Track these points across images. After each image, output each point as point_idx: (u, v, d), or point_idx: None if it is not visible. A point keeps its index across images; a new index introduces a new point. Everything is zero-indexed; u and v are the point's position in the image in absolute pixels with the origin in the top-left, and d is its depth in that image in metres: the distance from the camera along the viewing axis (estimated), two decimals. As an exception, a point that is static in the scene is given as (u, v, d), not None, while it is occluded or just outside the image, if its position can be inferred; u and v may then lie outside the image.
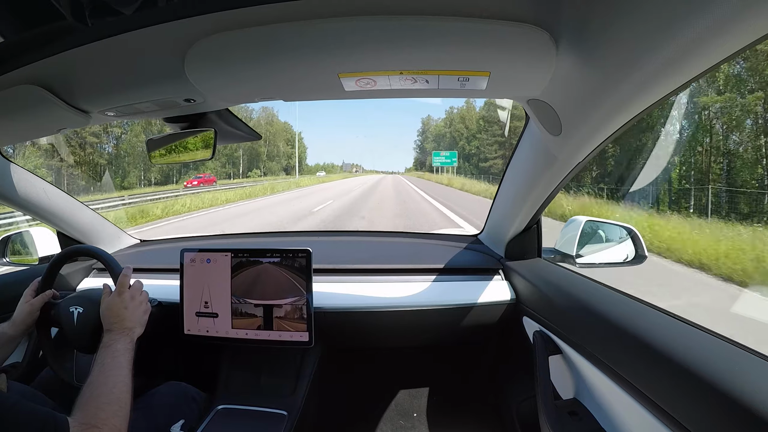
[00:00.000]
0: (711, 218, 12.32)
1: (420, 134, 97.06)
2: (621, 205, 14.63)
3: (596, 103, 0.64)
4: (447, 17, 0.55)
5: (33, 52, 0.66)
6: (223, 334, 1.16)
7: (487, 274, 1.33)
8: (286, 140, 69.16)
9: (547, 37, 0.57)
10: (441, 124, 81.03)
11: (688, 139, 20.21)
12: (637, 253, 1.22)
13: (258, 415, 1.12)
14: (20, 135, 1.05)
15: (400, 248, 1.63)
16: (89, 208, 1.51)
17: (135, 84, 0.77)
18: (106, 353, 0.81)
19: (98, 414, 0.69)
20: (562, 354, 0.97)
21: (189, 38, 0.61)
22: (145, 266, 1.45)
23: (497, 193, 1.30)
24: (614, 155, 22.59)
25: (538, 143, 0.94)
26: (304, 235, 2.27)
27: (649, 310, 0.81)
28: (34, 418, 0.61)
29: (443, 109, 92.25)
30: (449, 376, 1.70)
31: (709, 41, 0.44)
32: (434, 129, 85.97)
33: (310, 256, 1.12)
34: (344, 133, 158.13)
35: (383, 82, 0.71)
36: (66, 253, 1.08)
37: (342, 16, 0.56)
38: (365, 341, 1.43)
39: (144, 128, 33.69)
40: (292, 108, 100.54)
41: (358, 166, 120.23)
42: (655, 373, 0.65)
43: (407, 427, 1.58)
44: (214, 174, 44.95)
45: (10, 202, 1.24)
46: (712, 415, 0.54)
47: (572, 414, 0.88)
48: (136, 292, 0.95)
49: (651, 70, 0.51)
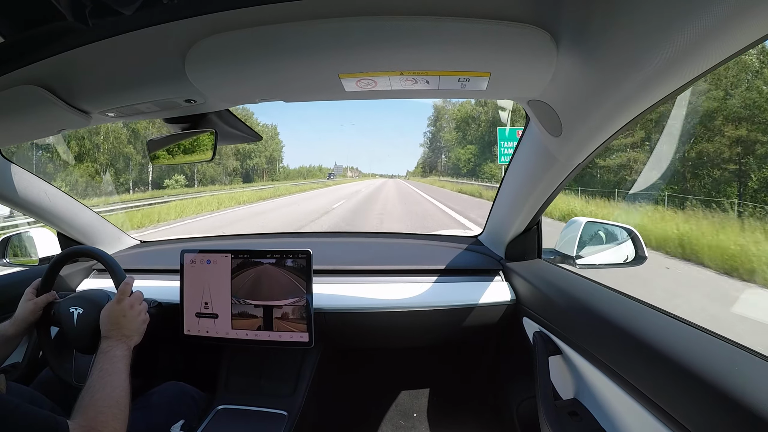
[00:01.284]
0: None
1: (431, 123, 72.75)
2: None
3: (597, 103, 0.64)
4: (447, 18, 0.55)
5: (33, 52, 0.66)
6: (223, 335, 1.16)
7: (488, 275, 1.33)
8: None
9: (547, 38, 0.57)
10: (469, 105, 55.80)
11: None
12: (638, 254, 1.22)
13: (258, 415, 1.12)
14: (20, 135, 1.05)
15: (400, 249, 1.63)
16: (89, 208, 1.50)
17: (135, 84, 0.77)
18: (104, 359, 0.81)
19: (98, 417, 0.69)
20: (562, 354, 0.97)
21: (189, 38, 0.61)
22: (145, 267, 1.45)
23: (497, 194, 1.30)
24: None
25: (539, 144, 0.94)
26: (304, 236, 2.27)
27: (648, 310, 0.81)
28: (34, 421, 0.61)
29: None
30: (449, 377, 1.70)
31: (709, 41, 0.44)
32: (456, 112, 60.65)
33: (310, 256, 1.12)
34: (339, 132, 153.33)
35: (384, 83, 0.71)
36: (68, 254, 1.08)
37: (343, 17, 0.56)
38: (365, 342, 1.43)
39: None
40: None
41: (354, 170, 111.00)
42: (655, 373, 0.65)
43: (407, 427, 1.57)
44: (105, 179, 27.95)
45: (10, 202, 1.24)
46: (712, 415, 0.54)
47: (572, 414, 0.88)
48: (135, 301, 0.95)
49: (651, 71, 0.51)
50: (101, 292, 1.04)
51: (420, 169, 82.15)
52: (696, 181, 21.88)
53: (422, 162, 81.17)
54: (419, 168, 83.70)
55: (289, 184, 39.40)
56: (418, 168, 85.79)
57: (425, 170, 76.44)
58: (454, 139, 60.93)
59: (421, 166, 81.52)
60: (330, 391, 1.48)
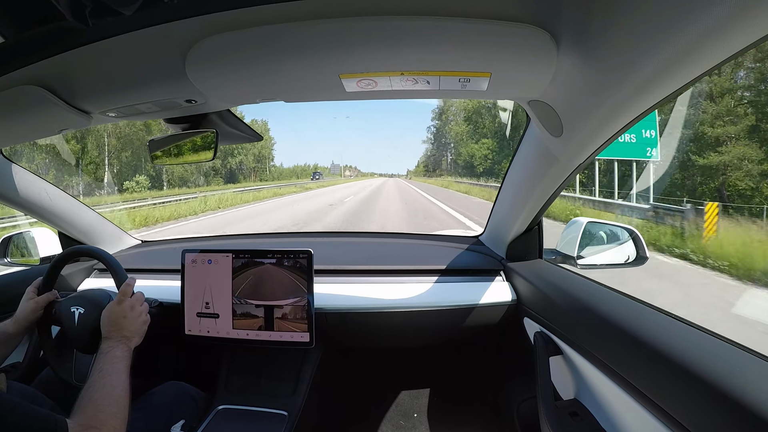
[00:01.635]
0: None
1: (436, 116, 65.00)
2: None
3: (597, 103, 0.64)
4: (448, 18, 0.55)
5: (33, 52, 0.66)
6: (224, 335, 1.16)
7: (489, 275, 1.33)
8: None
9: (548, 38, 0.57)
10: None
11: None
12: (638, 255, 1.22)
13: (258, 415, 1.12)
14: (21, 135, 1.05)
15: (401, 249, 1.63)
16: (90, 208, 1.51)
17: (136, 84, 0.77)
18: (105, 359, 0.81)
19: (97, 416, 0.69)
20: (562, 355, 0.97)
21: (190, 39, 0.61)
22: (146, 267, 1.45)
23: (498, 195, 1.30)
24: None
25: (539, 144, 0.94)
26: (305, 236, 2.27)
27: (649, 310, 0.80)
28: (34, 420, 0.62)
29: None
30: (450, 377, 1.70)
31: (709, 41, 0.44)
32: (466, 102, 49.59)
33: (311, 256, 1.12)
34: (337, 131, 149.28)
35: (384, 83, 0.71)
36: (69, 253, 1.08)
37: (343, 17, 0.56)
38: (366, 342, 1.43)
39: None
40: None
41: (353, 169, 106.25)
42: (655, 374, 0.65)
43: (407, 427, 1.57)
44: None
45: (11, 202, 1.25)
46: (712, 415, 0.53)
47: (573, 414, 0.88)
48: (136, 303, 0.95)
49: (651, 71, 0.51)
50: (102, 292, 1.05)
51: (422, 167, 75.85)
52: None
53: (424, 160, 75.22)
54: (421, 167, 77.65)
55: (254, 188, 30.24)
56: (419, 167, 79.49)
57: (428, 169, 69.95)
58: (464, 132, 52.22)
59: (423, 165, 75.24)
60: (330, 391, 1.48)
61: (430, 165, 70.18)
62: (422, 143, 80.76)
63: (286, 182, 46.55)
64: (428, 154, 72.01)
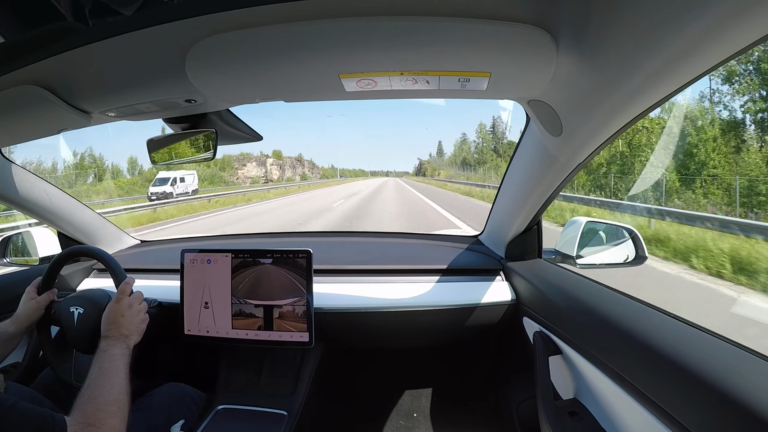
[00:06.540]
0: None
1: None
2: None
3: (597, 103, 0.64)
4: (447, 18, 0.55)
5: (34, 52, 0.66)
6: (224, 335, 1.16)
7: (488, 275, 1.33)
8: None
9: (547, 38, 0.57)
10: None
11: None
12: (638, 254, 1.22)
13: (258, 415, 1.12)
14: (21, 135, 1.05)
15: (400, 249, 1.63)
16: (90, 208, 1.51)
17: (136, 84, 0.77)
18: (104, 358, 0.81)
19: (96, 414, 0.69)
20: (562, 354, 0.97)
21: (189, 39, 0.61)
22: (145, 267, 1.45)
23: (498, 194, 1.31)
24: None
25: (539, 144, 0.94)
26: (304, 236, 2.27)
27: (648, 310, 0.81)
28: (33, 418, 0.61)
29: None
30: (449, 377, 1.70)
31: (709, 42, 0.44)
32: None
33: (310, 256, 1.12)
34: (334, 130, 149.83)
35: (384, 83, 0.71)
36: (68, 253, 1.08)
37: (343, 17, 0.56)
38: (365, 342, 1.43)
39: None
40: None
41: (358, 170, 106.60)
42: (654, 373, 0.65)
43: (407, 427, 1.58)
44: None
45: (10, 202, 1.25)
46: (712, 415, 0.54)
47: (572, 414, 0.88)
48: (135, 301, 0.95)
49: (651, 71, 0.51)
50: (102, 292, 1.05)
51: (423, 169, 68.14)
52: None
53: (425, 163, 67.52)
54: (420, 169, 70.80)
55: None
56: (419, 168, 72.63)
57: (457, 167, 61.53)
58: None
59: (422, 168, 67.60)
60: (330, 391, 1.48)
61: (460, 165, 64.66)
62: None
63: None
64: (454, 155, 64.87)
